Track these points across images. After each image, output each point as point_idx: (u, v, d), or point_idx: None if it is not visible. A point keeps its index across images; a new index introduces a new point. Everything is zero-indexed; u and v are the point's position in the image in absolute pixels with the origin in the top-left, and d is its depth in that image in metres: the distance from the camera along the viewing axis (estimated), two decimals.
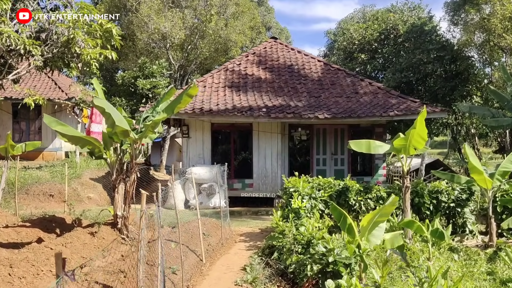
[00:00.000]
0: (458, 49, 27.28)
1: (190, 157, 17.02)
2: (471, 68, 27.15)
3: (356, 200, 11.79)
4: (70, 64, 15.93)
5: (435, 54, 26.77)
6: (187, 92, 8.43)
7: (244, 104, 16.40)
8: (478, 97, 28.17)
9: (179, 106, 8.59)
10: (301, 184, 10.45)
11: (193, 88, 8.37)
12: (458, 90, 26.69)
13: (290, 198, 10.30)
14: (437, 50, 26.74)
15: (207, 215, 13.89)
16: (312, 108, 16.38)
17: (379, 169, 18.08)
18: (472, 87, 27.49)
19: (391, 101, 17.01)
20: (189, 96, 8.50)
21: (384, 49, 29.18)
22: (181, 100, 8.40)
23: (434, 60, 26.81)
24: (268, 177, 17.09)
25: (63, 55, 14.96)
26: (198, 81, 18.07)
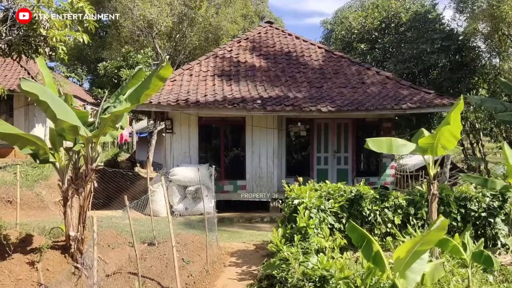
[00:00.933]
0: (464, 39, 24.97)
1: (175, 156, 14.59)
2: (478, 59, 24.89)
3: (371, 210, 9.42)
4: (38, 49, 13.71)
5: (440, 44, 24.44)
6: (158, 74, 6.02)
7: (236, 95, 13.98)
8: (485, 90, 25.94)
9: (148, 93, 6.18)
10: (308, 193, 8.06)
11: (165, 68, 5.95)
12: (464, 82, 24.41)
13: (294, 212, 7.93)
14: (442, 39, 24.40)
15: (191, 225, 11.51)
16: (313, 100, 14.00)
17: (387, 168, 15.78)
18: (479, 79, 25.24)
19: (402, 92, 14.67)
20: (161, 79, 6.10)
21: (385, 39, 26.78)
22: (149, 85, 5.99)
23: (438, 50, 24.49)
24: (263, 178, 14.72)
25: (28, 38, 12.83)
26: (184, 69, 15.61)
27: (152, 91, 6.21)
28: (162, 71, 5.95)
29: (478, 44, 25.62)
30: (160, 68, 5.94)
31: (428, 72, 25.39)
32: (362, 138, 16.23)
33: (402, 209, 9.54)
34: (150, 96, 6.44)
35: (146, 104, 13.40)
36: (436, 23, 25.52)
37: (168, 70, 5.96)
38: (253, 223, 13.27)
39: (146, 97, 6.33)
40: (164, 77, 6.05)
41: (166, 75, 6.03)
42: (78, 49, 31.23)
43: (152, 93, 6.27)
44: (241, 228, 12.25)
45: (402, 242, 9.23)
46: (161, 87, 6.21)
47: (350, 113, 14.08)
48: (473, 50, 24.89)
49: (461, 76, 24.48)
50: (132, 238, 6.44)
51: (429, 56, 24.44)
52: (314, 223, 7.43)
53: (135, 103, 6.13)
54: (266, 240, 10.37)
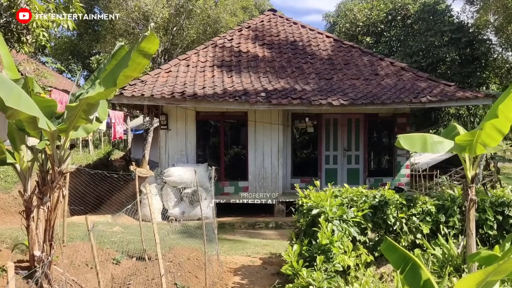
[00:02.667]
0: (475, 31, 23.48)
1: (170, 154, 13.04)
2: (489, 52, 23.40)
3: (396, 218, 7.89)
4: (21, 37, 12.18)
5: (450, 37, 22.97)
6: (139, 48, 4.46)
7: (237, 88, 12.43)
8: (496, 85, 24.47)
9: (127, 73, 4.62)
10: (329, 201, 6.52)
11: (149, 40, 4.40)
12: (475, 77, 22.94)
13: (312, 224, 6.40)
14: (452, 32, 22.94)
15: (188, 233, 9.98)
16: (323, 92, 12.46)
17: (401, 168, 14.26)
18: (490, 74, 23.77)
19: (420, 85, 13.15)
20: (144, 55, 4.54)
21: (391, 32, 25.28)
22: (128, 62, 4.44)
23: (448, 43, 23.02)
24: (267, 179, 13.18)
25: (9, 25, 11.43)
26: (180, 59, 14.04)
27: (133, 71, 4.65)
28: (144, 44, 4.41)
29: (489, 37, 24.18)
30: (142, 40, 4.39)
31: (437, 66, 23.90)
32: (374, 135, 14.72)
33: (431, 216, 8.02)
34: (130, 78, 4.89)
35: (138, 96, 11.86)
36: (445, 15, 24.05)
37: (153, 42, 4.41)
38: (256, 229, 11.74)
39: (125, 80, 4.78)
40: (148, 52, 4.50)
41: (151, 49, 4.48)
42: (71, 43, 29.65)
43: (133, 74, 4.72)
44: (244, 236, 10.72)
45: (432, 255, 7.75)
46: (144, 66, 4.67)
47: (362, 108, 12.56)
48: (485, 43, 23.43)
49: (472, 70, 23.03)
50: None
51: (438, 50, 22.98)
52: (339, 239, 5.90)
53: (110, 86, 4.57)
54: (274, 252, 8.85)
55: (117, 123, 22.55)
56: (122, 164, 21.32)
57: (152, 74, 13.15)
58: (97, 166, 17.61)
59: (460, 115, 26.31)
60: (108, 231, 10.08)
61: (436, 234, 7.94)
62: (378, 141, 14.80)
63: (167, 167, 12.77)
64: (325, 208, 6.36)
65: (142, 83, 12.59)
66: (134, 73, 4.76)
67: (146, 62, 4.65)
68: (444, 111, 25.70)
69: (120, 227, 10.59)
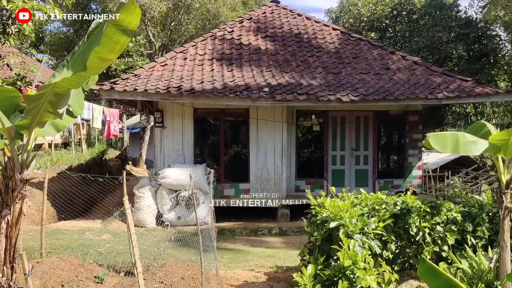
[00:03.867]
0: (483, 27, 22.39)
1: (166, 154, 11.98)
2: (498, 48, 22.32)
3: (419, 228, 6.84)
4: (6, 29, 11.25)
5: (457, 32, 21.91)
6: (116, 21, 3.40)
7: (238, 82, 11.37)
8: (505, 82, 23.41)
9: (102, 55, 3.56)
10: (349, 212, 5.44)
11: (127, 10, 3.33)
12: (483, 74, 21.84)
13: (329, 239, 5.34)
14: (460, 27, 21.84)
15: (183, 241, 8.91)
16: (331, 87, 11.40)
17: (413, 169, 13.21)
18: (499, 71, 22.71)
19: (435, 80, 12.09)
20: (123, 31, 3.48)
21: (396, 27, 24.21)
22: (101, 39, 3.37)
23: (456, 39, 21.95)
24: (270, 181, 12.13)
25: None
26: (177, 51, 12.95)
27: (110, 51, 3.59)
28: (123, 16, 3.35)
29: (498, 33, 23.09)
30: (118, 10, 3.33)
31: (444, 63, 22.82)
32: (384, 133, 13.67)
33: (456, 225, 6.98)
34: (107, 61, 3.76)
35: (130, 91, 10.79)
36: (452, 10, 22.98)
37: (133, 13, 3.35)
38: (259, 236, 10.70)
39: (101, 64, 3.71)
40: (128, 27, 3.44)
41: (131, 23, 3.42)
42: (66, 39, 28.54)
43: (110, 55, 3.65)
44: (245, 245, 9.66)
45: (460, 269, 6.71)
46: (124, 46, 3.60)
47: (372, 104, 11.53)
48: (494, 39, 22.34)
49: (480, 67, 21.93)
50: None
51: (446, 45, 21.92)
52: (363, 258, 4.84)
53: (80, 70, 3.52)
54: (280, 265, 7.79)
55: (111, 121, 21.49)
56: (117, 164, 20.24)
57: (147, 68, 12.08)
58: (90, 166, 16.53)
59: (467, 113, 25.28)
60: (95, 239, 9.02)
61: (462, 245, 6.93)
62: (388, 140, 13.75)
63: (162, 168, 11.72)
64: (344, 220, 5.30)
65: (135, 77, 11.53)
66: (111, 55, 3.69)
67: (125, 40, 3.58)
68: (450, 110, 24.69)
69: (109, 235, 9.52)
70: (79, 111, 4.66)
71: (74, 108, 4.58)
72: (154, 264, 7.03)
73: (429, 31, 22.76)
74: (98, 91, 10.99)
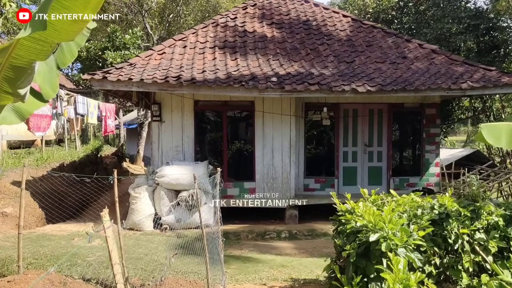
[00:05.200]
0: (495, 17, 21.33)
1: (164, 151, 10.89)
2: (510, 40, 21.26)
3: (458, 235, 5.74)
4: None
5: (467, 23, 20.84)
6: None
7: (243, 72, 10.26)
8: None
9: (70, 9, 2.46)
10: (390, 220, 4.35)
11: None
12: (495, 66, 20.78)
13: (365, 254, 4.25)
14: (470, 18, 20.76)
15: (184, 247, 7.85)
16: (345, 77, 10.31)
17: (430, 166, 12.15)
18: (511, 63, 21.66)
19: (457, 69, 11.02)
20: None
21: (403, 19, 23.11)
22: None
23: (466, 30, 20.89)
24: (277, 179, 11.05)
25: None
26: (176, 39, 11.82)
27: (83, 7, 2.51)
28: None
29: (510, 24, 22.03)
30: None
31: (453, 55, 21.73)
32: (399, 127, 12.60)
33: (498, 230, 5.89)
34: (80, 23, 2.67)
35: (125, 81, 9.68)
36: (462, 0, 21.90)
37: None
38: (267, 240, 9.61)
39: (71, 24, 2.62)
40: None
41: None
42: None
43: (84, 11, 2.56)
44: (253, 251, 8.57)
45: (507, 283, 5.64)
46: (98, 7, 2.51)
47: (390, 96, 10.46)
48: (505, 30, 21.28)
49: (491, 59, 20.83)
50: None
51: (455, 37, 20.83)
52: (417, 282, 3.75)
53: (38, 28, 2.44)
54: (296, 277, 6.71)
55: (108, 117, 20.36)
56: (113, 161, 19.12)
57: (143, 57, 10.96)
58: (83, 163, 15.42)
59: (475, 108, 24.21)
60: (84, 246, 7.93)
61: (502, 254, 5.87)
62: (404, 135, 12.66)
63: (160, 165, 10.63)
64: (386, 231, 4.22)
65: (130, 66, 10.41)
66: (86, 10, 2.59)
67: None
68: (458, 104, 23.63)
69: (102, 241, 8.41)
70: (51, 94, 3.56)
71: (44, 90, 3.49)
72: (151, 279, 5.95)
73: (437, 23, 21.69)
74: (89, 81, 9.88)
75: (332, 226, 5.29)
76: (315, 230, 10.15)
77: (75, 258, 6.99)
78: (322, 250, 8.79)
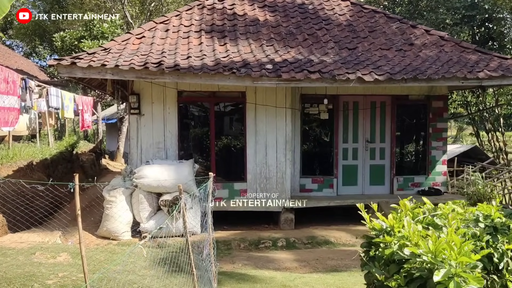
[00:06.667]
0: (491, 9, 20.36)
1: (143, 148, 9.49)
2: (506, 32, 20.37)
3: (503, 252, 4.51)
4: None
5: (462, 14, 19.87)
6: None
7: (234, 58, 8.91)
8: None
9: None
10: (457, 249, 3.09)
11: None
12: None
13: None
14: (465, 9, 19.80)
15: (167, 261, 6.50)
16: (348, 65, 9.05)
17: (437, 164, 11.01)
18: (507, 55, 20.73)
19: (469, 57, 9.85)
20: None
21: (396, 9, 22.02)
22: None
23: (461, 21, 19.92)
24: (271, 179, 9.75)
25: None
26: (157, 22, 10.40)
27: None
28: None
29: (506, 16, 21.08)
30: None
31: None
32: (403, 122, 11.41)
33: None
34: None
35: (97, 67, 8.26)
36: None
37: None
38: (262, 250, 8.31)
39: None
40: None
41: None
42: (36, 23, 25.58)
43: None
44: (247, 266, 7.26)
45: None
46: None
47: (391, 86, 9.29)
48: (502, 22, 20.36)
49: None
50: None
51: (450, 29, 19.80)
52: None
53: None
54: None
55: (84, 111, 18.79)
56: (91, 158, 17.57)
57: (119, 41, 9.53)
58: (56, 161, 13.89)
59: (468, 102, 23.28)
60: (46, 263, 6.53)
61: None
62: (408, 130, 11.48)
63: (139, 165, 9.24)
64: (452, 265, 2.95)
65: (104, 52, 8.98)
66: None
67: None
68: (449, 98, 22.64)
69: (68, 255, 7.02)
70: None
71: None
72: None
73: (431, 13, 20.71)
74: (56, 67, 8.42)
75: (360, 249, 4.00)
76: (315, 237, 8.89)
77: (31, 281, 5.60)
78: (326, 262, 7.54)
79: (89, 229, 8.98)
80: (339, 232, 9.20)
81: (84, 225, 9.15)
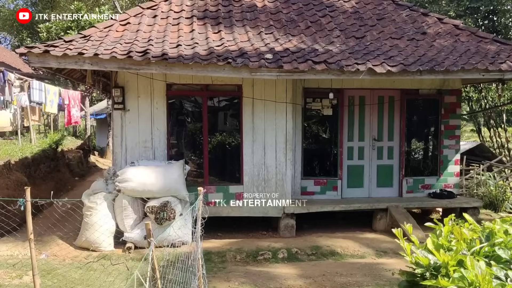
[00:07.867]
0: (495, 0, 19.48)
1: (129, 147, 8.43)
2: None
3: None
4: None
5: (466, 6, 19.00)
6: None
7: (229, 47, 7.87)
8: None
9: None
10: None
11: None
12: None
13: None
14: (470, 0, 18.95)
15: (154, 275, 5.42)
16: (357, 54, 8.03)
17: (449, 164, 10.04)
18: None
19: (488, 47, 8.87)
20: None
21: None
22: None
23: (465, 13, 19.05)
24: (270, 181, 8.73)
25: None
26: (144, 7, 9.33)
27: None
28: None
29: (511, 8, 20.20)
30: None
31: None
32: (413, 118, 10.43)
33: None
34: None
35: (74, 56, 7.19)
36: None
37: None
38: (261, 263, 7.31)
39: None
40: None
41: None
42: None
43: None
44: (245, 284, 6.25)
45: None
46: None
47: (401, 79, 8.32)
48: (507, 14, 19.48)
49: None
50: None
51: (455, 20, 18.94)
52: None
53: None
54: None
55: (72, 106, 17.67)
56: (78, 156, 16.49)
57: (101, 27, 8.45)
58: (39, 159, 12.80)
59: (470, 97, 22.38)
60: (10, 285, 5.50)
61: None
62: (418, 128, 10.51)
63: (123, 166, 8.20)
64: None
65: (84, 39, 7.91)
66: None
67: None
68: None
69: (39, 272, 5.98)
70: None
71: None
72: None
73: (433, 5, 19.83)
74: (27, 55, 7.34)
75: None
76: (319, 247, 7.90)
77: None
78: (335, 279, 6.54)
79: (67, 239, 7.93)
80: (345, 241, 8.21)
81: (61, 234, 8.15)
